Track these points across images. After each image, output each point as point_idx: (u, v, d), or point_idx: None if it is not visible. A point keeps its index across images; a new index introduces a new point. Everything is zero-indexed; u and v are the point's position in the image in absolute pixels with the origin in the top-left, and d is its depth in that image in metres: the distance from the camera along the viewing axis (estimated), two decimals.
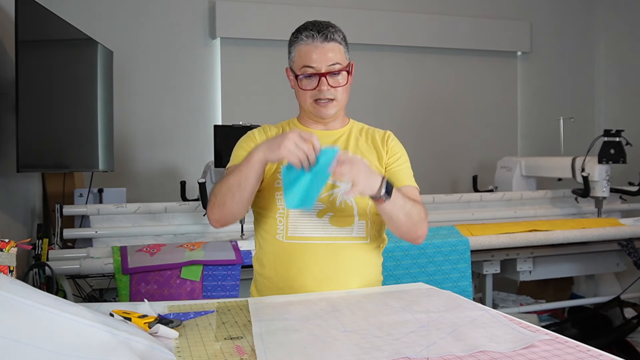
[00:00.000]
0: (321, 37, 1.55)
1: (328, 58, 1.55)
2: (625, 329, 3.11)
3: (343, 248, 1.57)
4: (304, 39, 1.56)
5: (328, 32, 1.56)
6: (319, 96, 1.57)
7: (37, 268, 2.27)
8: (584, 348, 1.06)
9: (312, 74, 1.55)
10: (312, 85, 1.57)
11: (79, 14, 3.39)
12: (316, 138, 1.36)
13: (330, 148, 1.38)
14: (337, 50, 1.57)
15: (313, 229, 1.56)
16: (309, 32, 1.56)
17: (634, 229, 3.03)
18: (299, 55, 1.58)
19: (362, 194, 1.40)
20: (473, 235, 2.74)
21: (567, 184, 3.63)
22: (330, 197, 1.57)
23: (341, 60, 1.57)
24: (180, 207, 2.80)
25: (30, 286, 0.98)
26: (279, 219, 1.58)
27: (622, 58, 4.59)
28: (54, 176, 3.08)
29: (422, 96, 4.29)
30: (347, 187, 1.38)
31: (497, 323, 1.21)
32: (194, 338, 1.14)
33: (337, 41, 1.57)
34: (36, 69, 2.45)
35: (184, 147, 3.81)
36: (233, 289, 2.31)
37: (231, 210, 1.49)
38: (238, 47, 3.88)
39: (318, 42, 1.55)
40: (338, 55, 1.56)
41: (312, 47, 1.55)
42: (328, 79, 1.55)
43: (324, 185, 1.38)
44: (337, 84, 1.57)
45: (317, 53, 1.54)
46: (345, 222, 1.58)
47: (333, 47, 1.56)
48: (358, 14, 4.05)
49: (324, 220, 1.57)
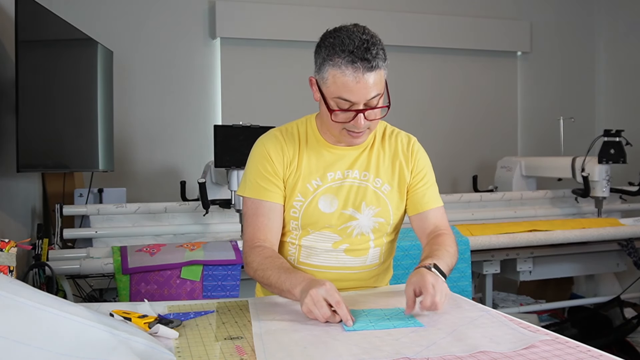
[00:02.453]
0: (364, 67, 1.31)
1: (369, 92, 1.33)
2: (625, 329, 3.10)
3: (355, 275, 1.55)
4: (344, 67, 1.32)
5: (371, 57, 1.31)
6: (352, 129, 1.40)
7: (37, 268, 2.27)
8: (584, 348, 1.06)
9: (349, 109, 1.36)
10: (347, 118, 1.38)
11: (79, 14, 3.39)
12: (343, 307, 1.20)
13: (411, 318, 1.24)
14: (379, 79, 1.35)
15: (326, 258, 1.53)
16: (354, 65, 1.31)
17: (634, 229, 3.02)
18: (334, 81, 1.34)
19: None
20: (473, 235, 2.74)
21: (567, 184, 3.63)
22: (348, 229, 1.52)
23: (381, 89, 1.37)
24: (180, 207, 2.80)
25: (30, 286, 0.99)
26: (291, 242, 1.55)
27: (622, 58, 4.59)
28: (54, 176, 3.08)
29: (421, 96, 4.29)
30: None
31: (497, 323, 1.21)
32: (194, 338, 1.14)
33: (380, 68, 1.34)
34: (36, 69, 2.45)
35: (184, 147, 3.81)
36: (233, 289, 2.31)
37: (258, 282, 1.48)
38: (238, 47, 3.88)
39: (360, 73, 1.31)
40: (379, 85, 1.35)
41: (353, 79, 1.32)
42: (366, 113, 1.37)
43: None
44: (374, 117, 1.39)
45: (358, 88, 1.32)
46: (360, 253, 1.54)
47: (376, 77, 1.33)
48: (357, 14, 4.03)
49: (338, 250, 1.52)
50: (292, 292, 1.31)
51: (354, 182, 1.51)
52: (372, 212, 1.52)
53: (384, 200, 1.53)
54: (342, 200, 1.50)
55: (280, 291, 1.37)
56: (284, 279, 1.35)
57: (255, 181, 1.51)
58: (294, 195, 1.50)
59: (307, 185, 1.50)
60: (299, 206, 1.50)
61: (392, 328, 1.18)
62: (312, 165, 1.51)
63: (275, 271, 1.38)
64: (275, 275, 1.37)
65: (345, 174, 1.51)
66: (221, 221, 2.87)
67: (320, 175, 1.51)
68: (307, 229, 1.52)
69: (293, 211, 1.51)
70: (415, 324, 1.20)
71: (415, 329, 1.17)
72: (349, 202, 1.50)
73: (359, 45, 1.32)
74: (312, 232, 1.52)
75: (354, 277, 1.55)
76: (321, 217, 1.50)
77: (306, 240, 1.53)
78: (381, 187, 1.53)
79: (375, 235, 1.54)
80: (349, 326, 1.18)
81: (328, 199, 1.50)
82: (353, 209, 1.51)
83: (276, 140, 1.53)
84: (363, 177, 1.52)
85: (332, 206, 1.50)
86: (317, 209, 1.49)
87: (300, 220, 1.51)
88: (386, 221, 1.54)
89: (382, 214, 1.53)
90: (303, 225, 1.51)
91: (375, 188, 1.52)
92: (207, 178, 2.97)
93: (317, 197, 1.50)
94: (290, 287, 1.31)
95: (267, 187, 1.50)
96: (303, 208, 1.50)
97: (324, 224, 1.50)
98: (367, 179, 1.52)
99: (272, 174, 1.50)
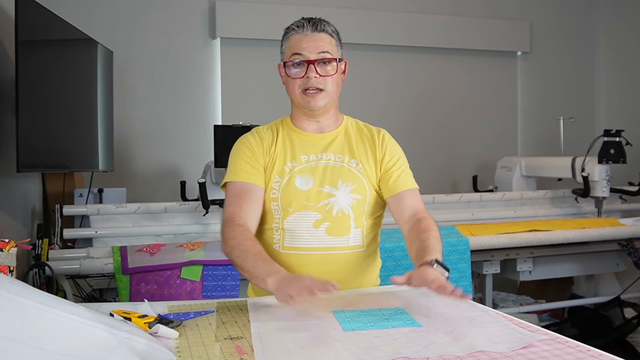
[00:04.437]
0: (311, 26, 1.56)
1: (318, 46, 1.54)
2: (625, 329, 3.10)
3: (339, 257, 1.57)
4: (294, 28, 1.58)
5: (319, 23, 1.57)
6: (307, 85, 1.55)
7: (37, 268, 2.27)
8: (584, 348, 1.06)
9: (302, 60, 1.55)
10: (301, 73, 1.55)
11: (79, 14, 3.39)
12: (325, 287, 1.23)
13: (410, 319, 1.24)
14: (328, 40, 1.57)
15: (309, 239, 1.56)
16: (299, 22, 1.58)
17: (634, 229, 3.03)
18: (289, 45, 1.58)
19: None
20: (473, 235, 2.74)
21: (567, 184, 3.63)
22: (327, 206, 1.56)
23: (331, 50, 1.57)
24: (180, 207, 2.80)
25: (30, 286, 0.98)
26: (275, 228, 1.59)
27: (622, 58, 4.59)
28: (54, 176, 3.08)
29: (422, 96, 4.29)
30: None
31: (496, 323, 1.21)
32: (194, 338, 1.14)
33: (327, 32, 1.58)
34: (36, 69, 2.45)
35: (184, 147, 3.81)
36: (233, 289, 2.31)
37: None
38: (238, 47, 3.88)
39: (308, 31, 1.56)
40: (328, 45, 1.56)
41: (302, 36, 1.56)
42: (317, 67, 1.54)
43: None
44: (326, 73, 1.56)
45: (306, 41, 1.55)
46: (341, 231, 1.57)
47: (323, 37, 1.57)
48: (357, 14, 4.05)
49: (320, 230, 1.56)
50: (265, 280, 1.35)
51: (329, 162, 1.61)
52: (349, 189, 1.59)
53: (360, 178, 1.60)
54: (317, 178, 1.58)
55: (252, 277, 1.41)
56: (260, 265, 1.39)
57: (237, 167, 1.60)
58: (273, 178, 1.59)
59: (283, 167, 1.60)
60: (278, 187, 1.58)
61: (391, 328, 1.18)
62: (287, 149, 1.62)
63: (253, 256, 1.43)
64: (252, 260, 1.42)
65: (319, 157, 1.61)
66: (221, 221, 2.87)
67: (295, 158, 1.60)
68: (287, 209, 1.57)
69: (273, 192, 1.58)
70: (413, 324, 1.20)
71: (413, 328, 1.17)
72: (325, 180, 1.58)
73: (309, 19, 1.59)
74: (293, 213, 1.57)
75: (339, 260, 1.57)
76: (298, 195, 1.56)
77: (288, 222, 1.57)
78: (356, 167, 1.61)
79: (354, 214, 1.58)
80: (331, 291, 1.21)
81: (304, 177, 1.58)
82: (330, 186, 1.58)
83: (255, 133, 1.66)
84: (338, 159, 1.62)
85: (308, 184, 1.58)
86: (294, 186, 1.57)
87: (280, 200, 1.57)
88: (363, 198, 1.59)
89: (359, 190, 1.59)
90: (283, 206, 1.57)
91: (350, 167, 1.61)
92: (207, 178, 2.97)
93: (293, 176, 1.58)
94: (265, 275, 1.35)
95: (249, 170, 1.58)
96: (281, 188, 1.58)
97: (302, 201, 1.56)
98: (341, 160, 1.61)
99: (253, 159, 1.59)
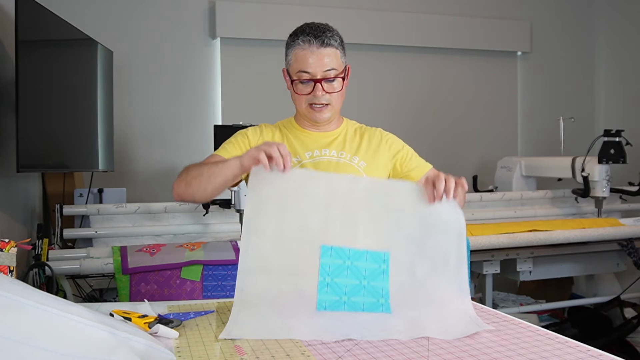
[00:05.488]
0: (318, 42, 1.54)
1: (324, 64, 1.55)
2: (625, 329, 3.10)
3: None
4: (300, 43, 1.56)
5: (325, 37, 1.55)
6: (313, 101, 1.58)
7: (37, 268, 2.27)
8: (584, 348, 1.06)
9: (308, 79, 1.56)
10: (307, 90, 1.57)
11: (79, 14, 3.39)
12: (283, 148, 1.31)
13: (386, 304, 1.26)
14: (334, 55, 1.57)
15: None
16: (306, 37, 1.55)
17: (634, 229, 3.03)
18: (295, 59, 1.57)
19: None
20: (473, 235, 2.74)
21: (567, 184, 3.63)
22: None
23: (337, 65, 1.57)
24: (180, 207, 2.80)
25: (30, 286, 0.99)
26: None
27: (622, 58, 4.59)
28: (54, 176, 3.08)
29: (421, 96, 4.29)
30: None
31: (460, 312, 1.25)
32: (194, 338, 1.14)
33: (333, 46, 1.57)
34: (36, 69, 2.45)
35: (184, 147, 3.81)
36: (233, 289, 2.29)
37: (192, 193, 1.48)
38: (238, 47, 3.88)
39: (314, 47, 1.54)
40: (334, 61, 1.57)
41: (308, 53, 1.55)
42: (323, 84, 1.56)
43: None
44: (332, 90, 1.58)
45: (313, 58, 1.54)
46: None
47: (329, 52, 1.56)
48: (357, 14, 4.05)
49: None
50: (228, 163, 1.39)
51: (332, 158, 1.63)
52: None
53: (361, 174, 1.62)
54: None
55: (211, 174, 1.42)
56: (220, 163, 1.43)
57: (225, 148, 1.62)
58: None
59: None
60: None
61: (361, 311, 1.22)
62: (291, 146, 1.64)
63: (212, 162, 1.48)
64: (211, 162, 1.46)
65: (322, 152, 1.64)
66: (221, 221, 2.87)
67: (299, 154, 1.63)
68: None
69: None
70: (383, 310, 1.24)
71: (380, 315, 1.21)
72: None
73: (315, 28, 1.57)
74: None
75: None
76: None
77: None
78: (358, 163, 1.63)
79: None
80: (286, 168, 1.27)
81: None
82: None
83: (257, 127, 1.69)
84: (340, 155, 1.64)
85: None
86: None
87: None
88: None
89: None
90: None
91: (351, 163, 1.63)
92: None
93: None
94: (230, 159, 1.40)
95: (230, 150, 1.60)
96: None
97: None
98: (343, 157, 1.64)
99: (242, 146, 1.62)
